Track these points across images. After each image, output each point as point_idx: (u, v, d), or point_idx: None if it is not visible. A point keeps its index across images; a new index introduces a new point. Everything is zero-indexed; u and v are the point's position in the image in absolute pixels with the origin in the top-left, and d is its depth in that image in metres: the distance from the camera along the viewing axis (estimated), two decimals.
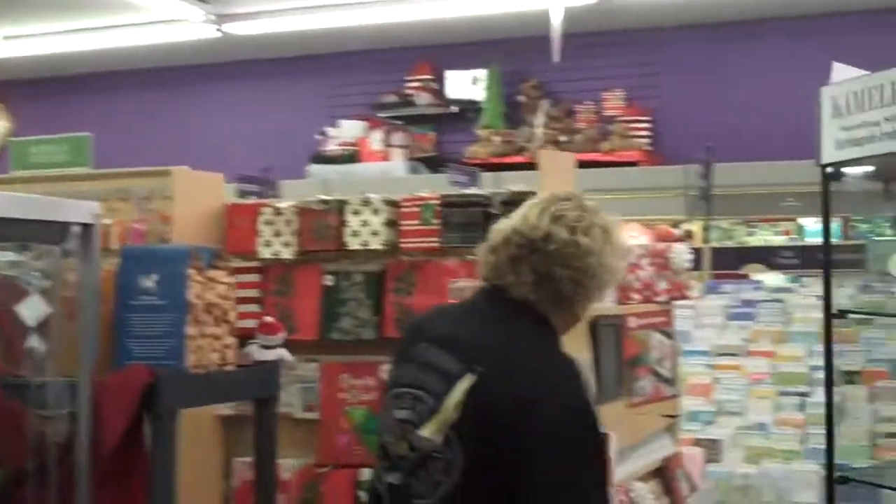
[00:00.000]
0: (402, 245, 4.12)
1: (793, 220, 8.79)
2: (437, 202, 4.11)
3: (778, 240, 8.87)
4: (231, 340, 2.20)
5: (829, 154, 4.64)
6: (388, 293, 4.11)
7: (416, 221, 4.12)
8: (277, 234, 4.25)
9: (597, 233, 2.57)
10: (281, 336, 2.33)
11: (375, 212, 4.15)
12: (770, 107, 9.43)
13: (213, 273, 2.17)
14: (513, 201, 3.98)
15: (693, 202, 8.36)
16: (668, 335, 4.47)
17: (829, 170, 4.68)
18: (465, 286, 3.75)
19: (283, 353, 2.34)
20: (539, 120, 9.90)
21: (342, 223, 4.19)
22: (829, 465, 4.73)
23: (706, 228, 8.84)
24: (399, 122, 10.69)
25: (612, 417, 3.61)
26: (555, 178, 4.04)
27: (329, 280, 4.20)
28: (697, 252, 6.76)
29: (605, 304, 4.13)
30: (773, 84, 9.53)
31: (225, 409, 4.07)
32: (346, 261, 4.22)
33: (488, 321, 2.57)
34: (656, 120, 9.86)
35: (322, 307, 4.16)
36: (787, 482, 5.61)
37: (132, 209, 4.15)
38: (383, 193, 4.20)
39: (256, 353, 2.31)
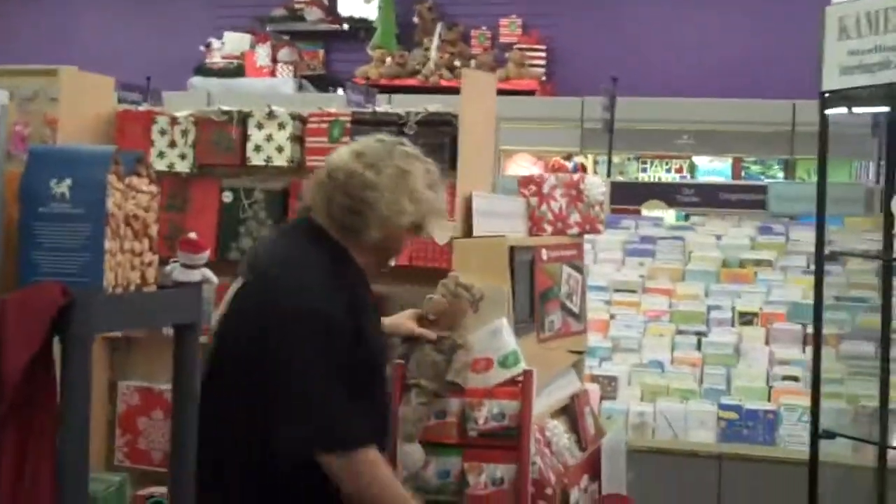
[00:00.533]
0: (309, 163, 3.88)
1: (686, 157, 8.74)
2: (348, 119, 3.89)
3: (669, 177, 8.84)
4: (153, 258, 1.94)
5: (831, 80, 4.29)
6: (291, 213, 3.88)
7: (323, 139, 3.91)
8: (172, 144, 4.03)
9: (389, 172, 2.88)
10: (205, 255, 2.07)
11: (281, 126, 3.93)
12: (668, 41, 9.33)
13: (134, 180, 1.90)
14: (429, 122, 3.79)
15: (589, 135, 8.22)
16: (578, 269, 4.32)
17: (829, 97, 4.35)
18: None
19: (207, 273, 2.08)
20: (433, 43, 9.63)
21: (244, 136, 3.95)
22: (815, 421, 4.61)
23: (597, 162, 8.76)
24: (287, 38, 10.31)
25: (526, 352, 3.45)
26: (476, 98, 3.83)
27: (228, 196, 3.99)
28: None
29: (518, 234, 3.97)
30: (673, 18, 9.42)
31: None
32: (247, 177, 4.00)
33: (282, 239, 2.96)
34: (553, 49, 9.67)
35: (219, 225, 3.96)
36: (683, 421, 5.55)
37: (12, 110, 3.84)
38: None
39: (178, 272, 2.04)
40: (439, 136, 3.78)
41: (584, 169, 8.64)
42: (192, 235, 2.07)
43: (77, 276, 1.76)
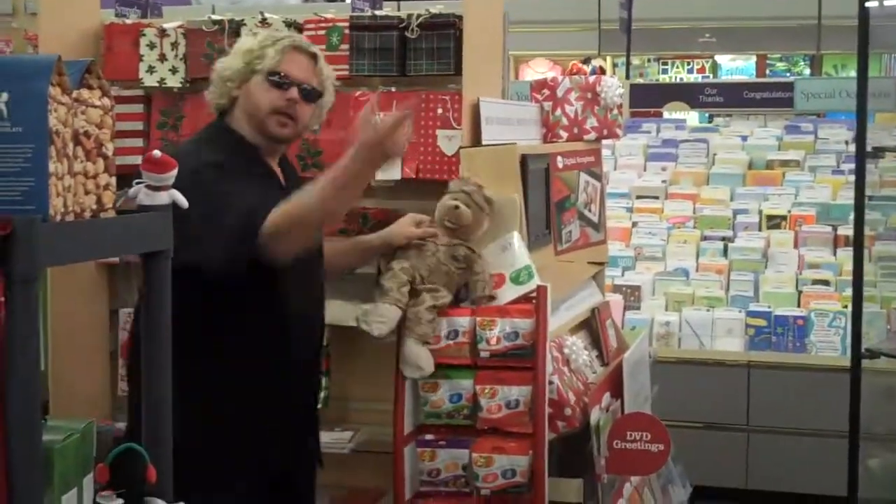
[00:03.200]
0: None
1: (709, 57, 8.46)
2: (346, 25, 3.67)
3: (691, 77, 8.56)
4: (109, 180, 1.74)
5: None
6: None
7: (321, 46, 3.63)
8: (162, 58, 3.79)
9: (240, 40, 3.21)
10: (172, 174, 1.86)
11: None
12: None
13: (83, 93, 1.69)
14: (432, 24, 3.55)
15: (607, 36, 7.93)
16: (596, 176, 4.11)
17: None
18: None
19: (175, 194, 1.87)
20: None
21: None
22: (856, 337, 4.38)
23: (616, 64, 8.47)
24: None
25: (542, 265, 3.26)
26: None
27: None
28: None
29: (531, 142, 3.76)
30: None
31: None
32: None
33: None
34: None
35: None
36: (710, 330, 5.37)
37: None
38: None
39: (142, 195, 1.84)
40: (444, 40, 3.55)
41: (602, 72, 8.38)
42: (157, 153, 1.85)
43: (19, 204, 1.57)
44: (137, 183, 1.87)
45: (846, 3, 7.59)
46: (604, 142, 4.14)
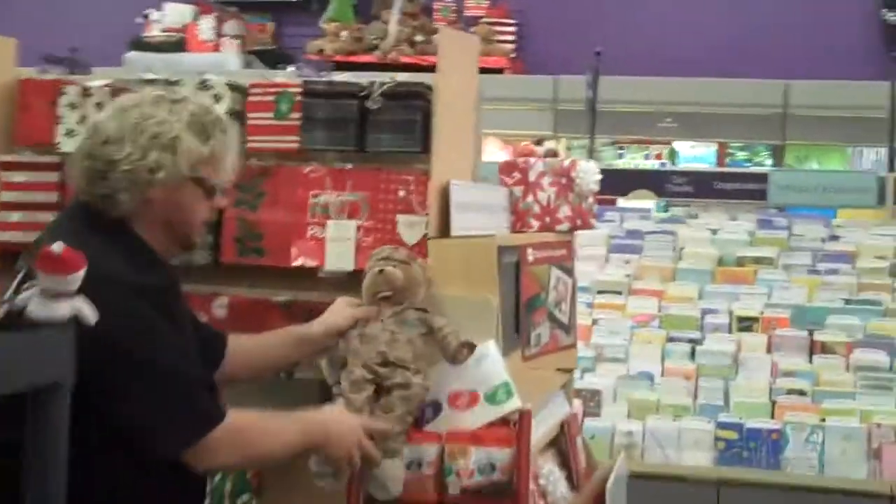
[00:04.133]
0: (250, 144, 3.23)
1: (667, 143, 8.18)
2: (298, 91, 3.24)
3: (648, 164, 8.28)
4: None
5: None
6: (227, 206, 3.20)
7: (268, 114, 3.26)
8: (84, 121, 3.31)
9: (133, 120, 2.43)
10: (77, 277, 1.36)
11: (216, 99, 3.25)
12: (647, 14, 8.79)
13: None
14: (398, 94, 3.14)
15: (563, 117, 7.64)
16: (568, 272, 3.71)
17: None
18: None
19: (80, 306, 1.37)
20: (393, 16, 9.04)
21: None
22: None
23: (570, 147, 8.18)
24: (233, 9, 9.77)
25: (513, 375, 2.80)
26: (456, 61, 3.20)
27: None
28: None
29: (501, 231, 3.34)
30: None
31: None
32: None
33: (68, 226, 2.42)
34: (523, 24, 9.11)
35: None
36: (676, 441, 4.94)
37: None
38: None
39: (36, 305, 1.34)
40: (409, 112, 3.14)
41: (555, 155, 8.06)
42: (57, 248, 1.36)
43: None
44: (26, 287, 1.38)
45: (812, 94, 7.43)
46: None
